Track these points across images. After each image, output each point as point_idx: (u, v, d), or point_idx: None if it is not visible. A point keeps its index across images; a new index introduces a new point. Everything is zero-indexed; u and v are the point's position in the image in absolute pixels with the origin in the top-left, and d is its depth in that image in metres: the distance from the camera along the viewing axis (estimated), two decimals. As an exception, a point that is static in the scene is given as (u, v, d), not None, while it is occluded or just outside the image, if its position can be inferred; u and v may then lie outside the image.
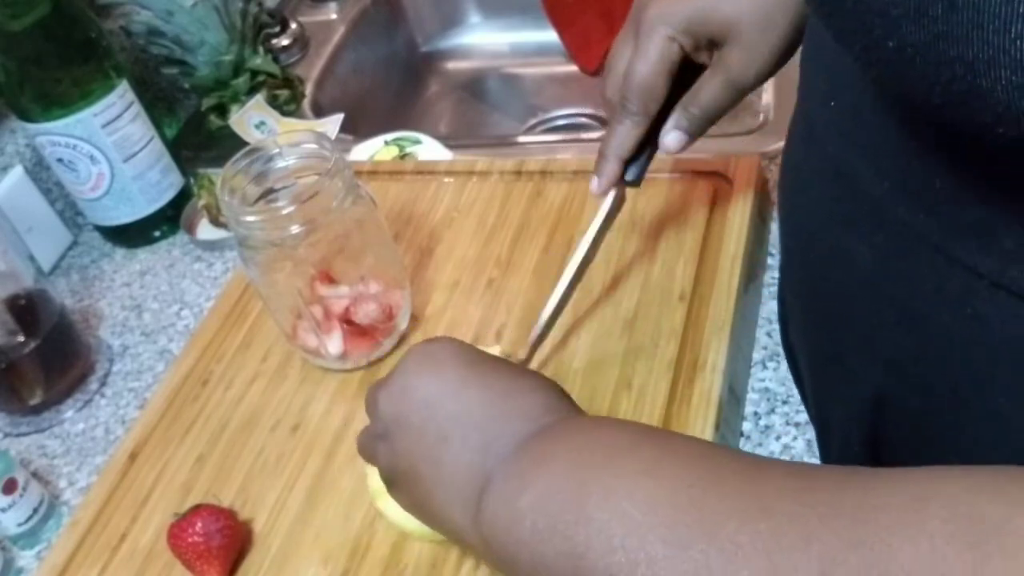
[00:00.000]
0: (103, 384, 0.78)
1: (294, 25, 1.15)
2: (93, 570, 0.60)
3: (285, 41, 1.14)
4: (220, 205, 0.64)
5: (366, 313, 0.65)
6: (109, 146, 0.84)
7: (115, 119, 0.84)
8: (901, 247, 0.35)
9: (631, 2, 0.58)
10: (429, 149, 0.90)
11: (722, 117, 0.57)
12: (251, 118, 1.00)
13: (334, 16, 1.20)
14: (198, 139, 1.04)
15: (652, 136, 0.58)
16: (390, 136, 0.92)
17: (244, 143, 0.88)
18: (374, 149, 0.92)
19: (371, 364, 0.68)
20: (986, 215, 0.31)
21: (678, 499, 0.32)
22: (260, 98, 1.01)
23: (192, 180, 0.91)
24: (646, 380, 0.61)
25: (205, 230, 0.90)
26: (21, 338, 0.73)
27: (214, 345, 0.73)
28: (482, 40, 1.31)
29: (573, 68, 1.22)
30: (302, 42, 1.15)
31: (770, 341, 0.67)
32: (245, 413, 0.67)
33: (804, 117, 0.44)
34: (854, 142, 0.37)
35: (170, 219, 0.91)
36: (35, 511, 0.66)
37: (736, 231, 0.69)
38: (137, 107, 0.86)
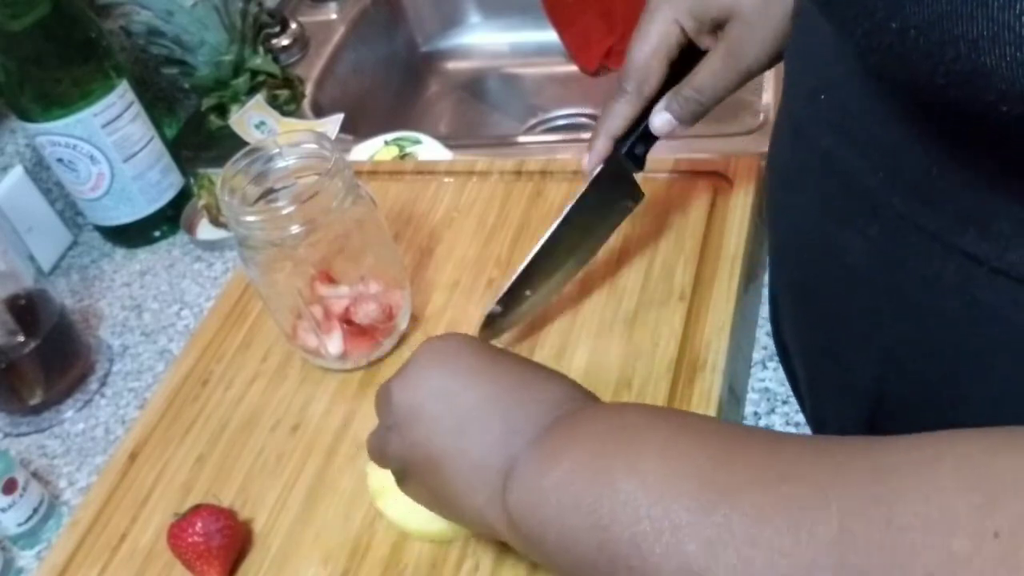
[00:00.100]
0: (103, 384, 0.78)
1: (294, 25, 1.15)
2: (93, 570, 0.60)
3: (285, 41, 1.14)
4: (220, 205, 0.64)
5: (366, 313, 0.65)
6: (109, 146, 0.84)
7: (115, 119, 0.84)
8: (896, 238, 0.36)
9: (631, 2, 0.58)
10: (429, 149, 0.90)
11: (717, 103, 0.57)
12: (251, 118, 1.00)
13: (334, 16, 1.20)
14: (198, 139, 1.04)
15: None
16: (390, 136, 0.92)
17: (244, 143, 0.88)
18: (374, 149, 0.92)
19: (371, 364, 0.68)
20: (983, 200, 0.31)
21: (700, 470, 0.34)
22: (260, 98, 1.01)
23: (192, 180, 0.91)
24: (646, 380, 0.61)
25: (205, 230, 0.90)
26: (21, 338, 0.73)
27: (214, 345, 0.73)
28: (482, 40, 1.31)
29: (573, 68, 1.22)
30: (302, 42, 1.15)
31: (770, 341, 0.67)
32: (245, 413, 0.67)
33: (790, 115, 0.44)
34: (845, 136, 0.38)
35: (170, 219, 0.91)
36: (35, 511, 0.66)
37: (736, 231, 0.69)
38: (137, 107, 0.86)
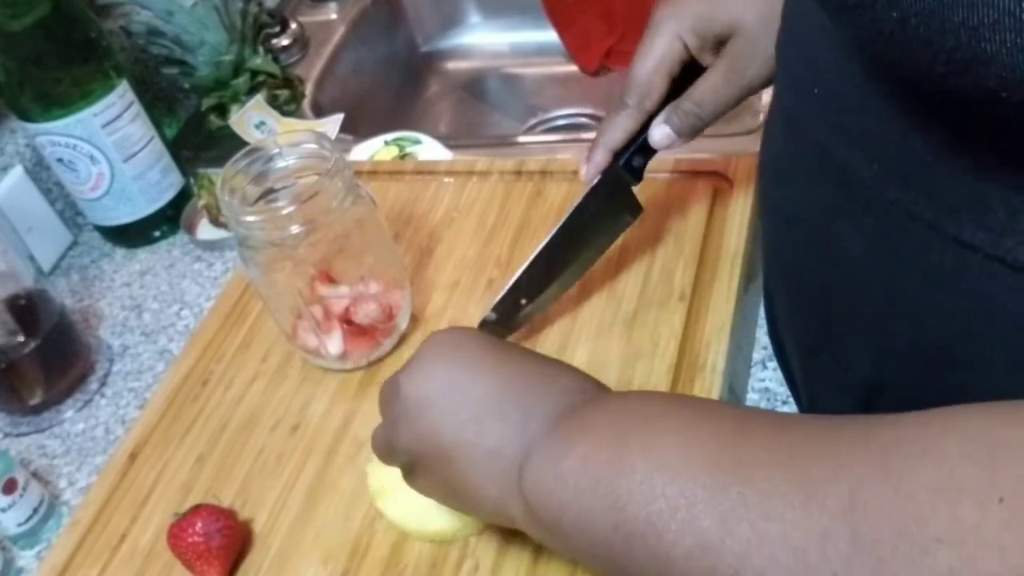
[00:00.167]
0: (103, 384, 0.78)
1: (294, 25, 1.15)
2: (93, 570, 0.60)
3: (285, 41, 1.14)
4: (220, 205, 0.64)
5: (366, 313, 0.65)
6: (109, 146, 0.84)
7: (115, 119, 0.84)
8: (891, 228, 0.36)
9: (631, 2, 0.58)
10: (429, 149, 0.90)
11: (716, 118, 0.58)
12: (251, 118, 1.00)
13: (334, 16, 1.20)
14: (198, 139, 1.04)
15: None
16: (390, 136, 0.92)
17: (244, 143, 0.88)
18: (374, 149, 0.92)
19: (371, 364, 0.68)
20: (979, 188, 0.32)
21: (713, 450, 0.35)
22: (260, 98, 1.01)
23: (192, 180, 0.91)
24: (646, 380, 0.61)
25: (205, 230, 0.90)
26: (21, 338, 0.73)
27: (214, 345, 0.73)
28: (482, 40, 1.31)
29: (573, 68, 1.22)
30: (302, 42, 1.15)
31: (770, 341, 0.67)
32: (245, 413, 0.67)
33: (782, 109, 0.45)
34: (840, 127, 0.38)
35: (170, 219, 0.91)
36: (35, 511, 0.66)
37: (736, 231, 0.69)
38: (137, 107, 0.86)
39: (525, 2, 1.21)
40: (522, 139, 1.10)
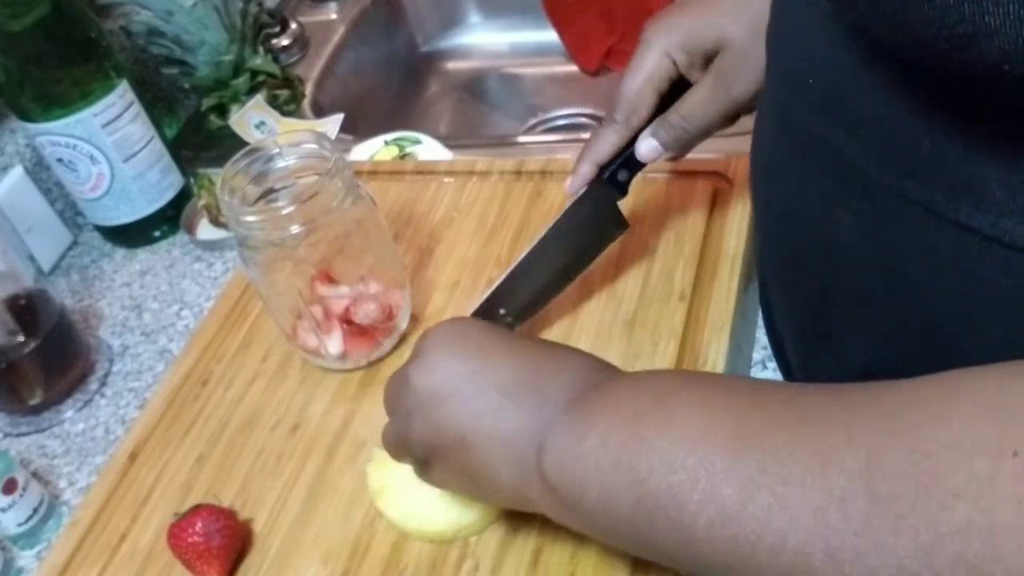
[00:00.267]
0: (103, 384, 0.78)
1: (294, 25, 1.15)
2: (93, 570, 0.60)
3: (285, 41, 1.14)
4: (220, 205, 0.64)
5: (366, 313, 0.65)
6: (109, 146, 0.84)
7: (115, 119, 0.84)
8: (890, 214, 0.36)
9: (631, 2, 0.59)
10: (429, 149, 0.90)
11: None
12: (251, 118, 1.00)
13: (334, 16, 1.20)
14: (198, 139, 1.04)
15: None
16: (390, 136, 0.92)
17: (244, 143, 0.88)
18: (374, 149, 0.92)
19: (371, 364, 0.68)
20: (977, 169, 0.32)
21: (731, 422, 0.35)
22: (260, 98, 1.01)
23: (192, 180, 0.91)
24: (646, 380, 0.61)
25: (205, 230, 0.90)
26: (21, 338, 0.73)
27: (214, 345, 0.73)
28: (482, 40, 1.32)
29: (573, 68, 1.22)
30: (302, 42, 1.15)
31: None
32: (245, 413, 0.67)
33: (775, 102, 0.45)
34: (837, 117, 0.38)
35: (170, 219, 0.91)
36: (35, 511, 0.66)
37: (736, 231, 0.69)
38: (137, 107, 0.86)
39: (525, 2, 1.21)
40: (522, 139, 1.10)
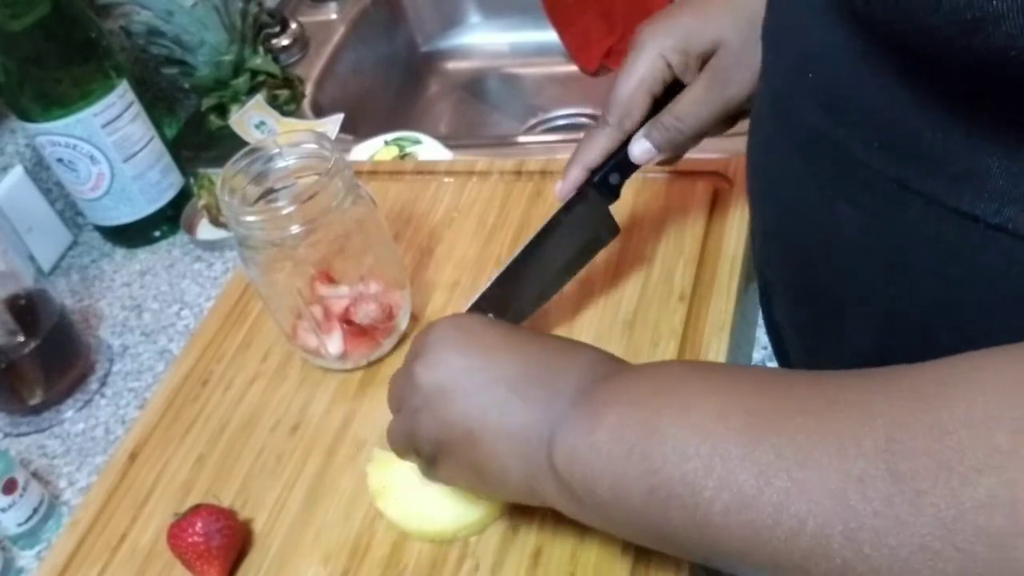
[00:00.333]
0: (103, 384, 0.78)
1: (294, 25, 1.15)
2: (93, 570, 0.60)
3: (285, 41, 1.14)
4: (220, 205, 0.64)
5: (366, 313, 0.65)
6: (109, 146, 0.84)
7: (115, 119, 0.84)
8: (891, 205, 0.36)
9: (631, 2, 0.59)
10: (429, 149, 0.90)
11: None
12: (251, 118, 1.00)
13: (334, 16, 1.20)
14: (198, 139, 1.04)
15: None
16: (390, 136, 0.92)
17: (244, 143, 0.88)
18: (374, 149, 0.92)
19: (371, 364, 0.68)
20: (978, 157, 0.32)
21: (745, 407, 0.35)
22: (260, 98, 1.01)
23: (192, 180, 0.91)
24: (646, 380, 0.61)
25: (205, 230, 0.90)
26: (21, 338, 0.73)
27: (214, 345, 0.73)
28: (482, 40, 1.32)
29: (573, 68, 1.22)
30: (302, 42, 1.15)
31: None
32: (245, 413, 0.67)
33: (773, 97, 0.45)
34: (836, 110, 0.38)
35: (170, 219, 0.91)
36: (35, 511, 0.66)
37: (736, 231, 0.69)
38: (137, 107, 0.86)
39: (525, 2, 1.21)
40: (522, 139, 1.10)
